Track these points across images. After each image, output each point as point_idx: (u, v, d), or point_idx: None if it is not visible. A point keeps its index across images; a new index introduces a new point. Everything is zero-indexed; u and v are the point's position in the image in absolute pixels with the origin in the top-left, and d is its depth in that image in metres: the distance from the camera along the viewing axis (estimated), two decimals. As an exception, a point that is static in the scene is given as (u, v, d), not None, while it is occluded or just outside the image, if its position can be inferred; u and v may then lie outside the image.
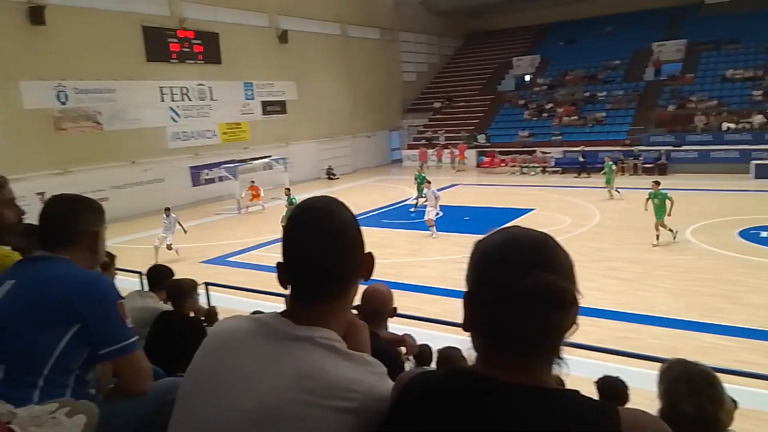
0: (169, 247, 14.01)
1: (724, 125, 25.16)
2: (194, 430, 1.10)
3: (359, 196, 22.61)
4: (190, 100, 23.77)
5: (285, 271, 1.18)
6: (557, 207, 18.28)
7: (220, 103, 24.94)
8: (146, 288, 4.60)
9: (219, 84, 24.82)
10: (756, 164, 22.14)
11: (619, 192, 19.18)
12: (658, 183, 13.90)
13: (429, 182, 16.74)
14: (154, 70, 22.19)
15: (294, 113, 28.48)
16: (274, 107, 27.81)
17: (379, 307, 2.93)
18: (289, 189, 17.31)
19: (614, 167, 19.68)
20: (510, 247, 0.99)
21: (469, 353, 1.04)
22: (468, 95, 35.33)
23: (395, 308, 3.05)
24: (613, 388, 3.78)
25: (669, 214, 13.26)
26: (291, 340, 1.12)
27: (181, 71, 23.26)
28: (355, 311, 3.14)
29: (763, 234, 13.58)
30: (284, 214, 13.77)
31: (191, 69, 23.66)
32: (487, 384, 0.95)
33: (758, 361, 7.01)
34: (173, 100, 23.11)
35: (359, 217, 1.22)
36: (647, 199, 13.85)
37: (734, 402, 3.15)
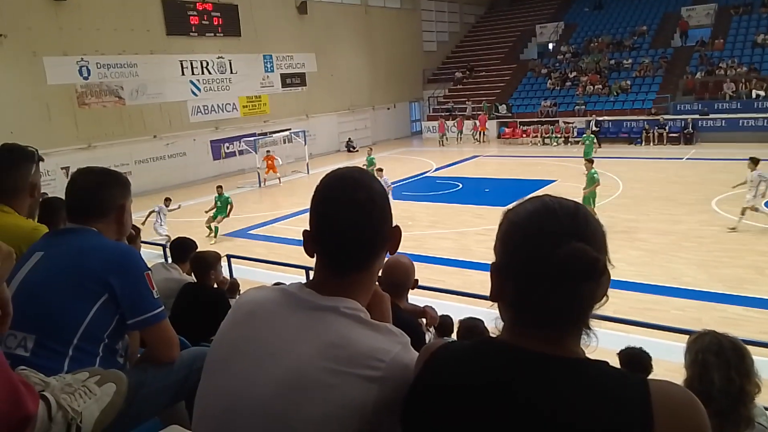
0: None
1: (754, 93, 24.41)
2: (225, 399, 1.12)
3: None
4: (210, 73, 23.76)
5: (313, 240, 1.18)
6: (580, 178, 18.01)
7: (239, 77, 24.90)
8: (170, 261, 4.69)
9: (239, 57, 24.73)
10: (787, 132, 21.51)
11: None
12: None
13: (381, 170, 15.04)
14: (175, 43, 22.19)
15: (314, 86, 28.33)
16: (293, 80, 27.67)
17: (401, 279, 2.95)
18: (371, 149, 16.61)
19: (595, 140, 18.87)
20: (542, 216, 0.97)
21: (496, 323, 1.03)
22: (490, 65, 34.66)
23: (416, 280, 3.07)
24: (636, 359, 3.78)
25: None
26: (317, 310, 1.13)
27: (201, 44, 23.22)
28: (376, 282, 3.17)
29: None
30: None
31: (211, 42, 23.60)
32: (516, 354, 0.95)
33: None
34: (193, 74, 23.12)
35: None
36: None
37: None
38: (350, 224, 1.14)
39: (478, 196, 16.70)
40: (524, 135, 28.03)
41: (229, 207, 14.04)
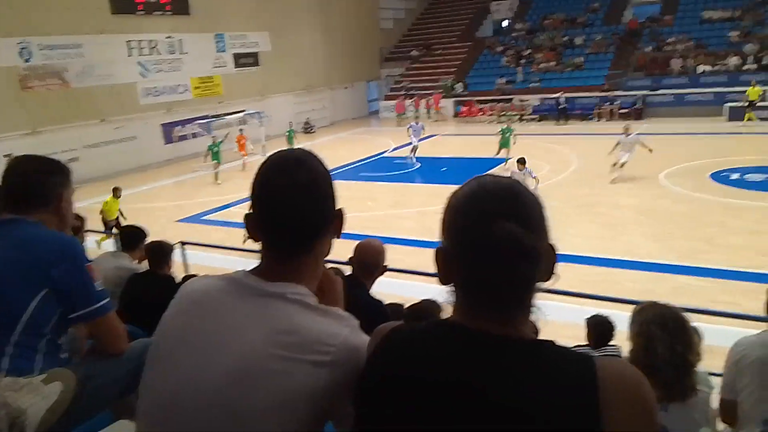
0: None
1: (700, 68, 25.20)
2: (172, 391, 1.09)
3: (338, 149, 22.42)
4: (159, 54, 22.99)
5: (255, 225, 1.16)
6: (536, 154, 18.30)
7: (191, 57, 24.18)
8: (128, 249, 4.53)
9: (189, 36, 23.98)
10: (730, 107, 22.28)
11: (506, 161, 16.65)
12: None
13: (523, 161, 12.72)
14: (122, 23, 21.31)
15: (269, 65, 27.77)
16: (247, 59, 27.06)
17: (370, 261, 3.00)
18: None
19: (515, 132, 17.29)
20: (477, 197, 0.98)
21: (448, 305, 1.03)
22: (446, 42, 34.68)
23: (386, 266, 3.09)
24: (601, 326, 3.96)
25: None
26: (263, 296, 1.11)
27: (149, 24, 22.40)
28: (345, 265, 3.18)
29: (734, 176, 13.84)
30: None
31: (159, 21, 22.80)
32: (465, 335, 0.96)
33: (731, 300, 7.22)
34: (142, 55, 22.34)
35: (338, 171, 1.19)
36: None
37: (699, 338, 3.28)
38: (291, 207, 1.12)
39: (436, 176, 16.78)
40: (481, 113, 28.23)
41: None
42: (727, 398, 2.51)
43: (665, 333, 2.25)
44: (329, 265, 2.90)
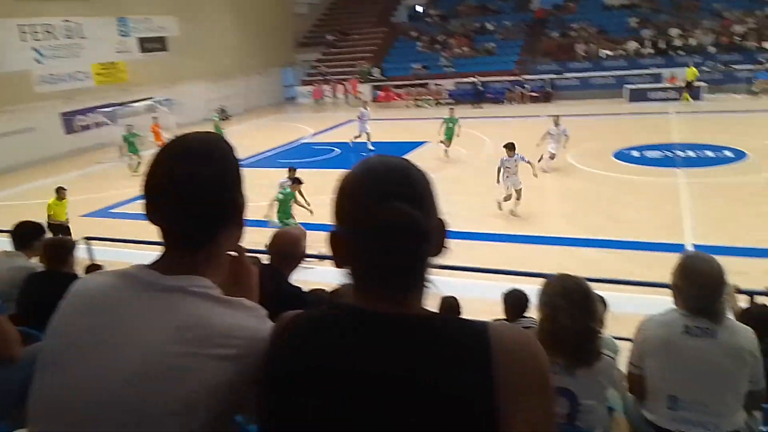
0: None
1: (602, 53, 26.60)
2: (64, 398, 1.01)
3: (254, 136, 21.88)
4: (56, 39, 21.43)
5: (150, 217, 1.09)
6: (454, 138, 18.68)
7: (91, 42, 22.68)
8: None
9: (89, 20, 22.47)
10: (630, 89, 23.71)
11: (447, 150, 16.48)
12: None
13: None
14: (13, 6, 19.65)
15: (178, 51, 26.55)
16: (153, 44, 25.75)
17: (288, 250, 2.94)
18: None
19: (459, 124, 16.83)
20: (365, 178, 0.99)
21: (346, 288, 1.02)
22: (362, 28, 34.57)
23: (305, 253, 3.05)
24: (517, 300, 4.14)
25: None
26: (163, 291, 1.05)
27: (43, 7, 20.78)
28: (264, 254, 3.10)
29: (635, 154, 14.74)
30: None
31: (55, 4, 21.20)
32: (361, 317, 0.96)
33: (634, 270, 7.72)
34: (36, 40, 20.74)
35: (254, 159, 1.13)
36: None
37: (604, 304, 3.48)
38: (181, 198, 1.06)
39: (356, 161, 16.73)
40: (398, 98, 28.45)
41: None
42: (635, 372, 2.67)
43: (568, 303, 2.35)
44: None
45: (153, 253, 1.14)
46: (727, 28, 25.79)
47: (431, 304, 1.02)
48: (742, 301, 3.90)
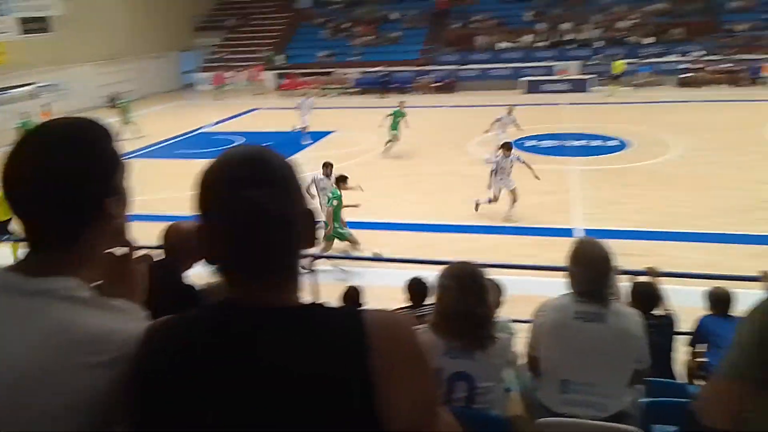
0: None
1: (501, 44, 27.64)
2: None
3: (150, 124, 20.70)
4: None
5: (13, 209, 1.00)
6: (359, 127, 18.72)
7: (-40, 19, 20.52)
8: None
9: (-45, -6, 20.29)
10: (527, 80, 24.80)
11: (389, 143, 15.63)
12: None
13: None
14: None
15: (63, 31, 24.50)
16: (35, 24, 23.59)
17: (178, 244, 2.85)
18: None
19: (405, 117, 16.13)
20: (222, 169, 0.96)
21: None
22: (264, 12, 33.64)
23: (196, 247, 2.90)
24: (419, 287, 4.23)
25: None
26: (27, 295, 0.96)
27: None
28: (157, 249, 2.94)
29: (531, 143, 15.46)
30: None
31: None
32: (231, 311, 0.94)
33: (530, 253, 8.11)
34: None
35: (150, 149, 1.04)
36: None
37: (500, 290, 3.61)
38: (37, 193, 0.97)
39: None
40: (304, 86, 28.02)
41: None
42: (533, 354, 2.79)
43: (458, 285, 2.43)
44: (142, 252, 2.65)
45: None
46: (613, 23, 27.58)
47: (337, 294, 1.01)
48: (626, 280, 4.20)
